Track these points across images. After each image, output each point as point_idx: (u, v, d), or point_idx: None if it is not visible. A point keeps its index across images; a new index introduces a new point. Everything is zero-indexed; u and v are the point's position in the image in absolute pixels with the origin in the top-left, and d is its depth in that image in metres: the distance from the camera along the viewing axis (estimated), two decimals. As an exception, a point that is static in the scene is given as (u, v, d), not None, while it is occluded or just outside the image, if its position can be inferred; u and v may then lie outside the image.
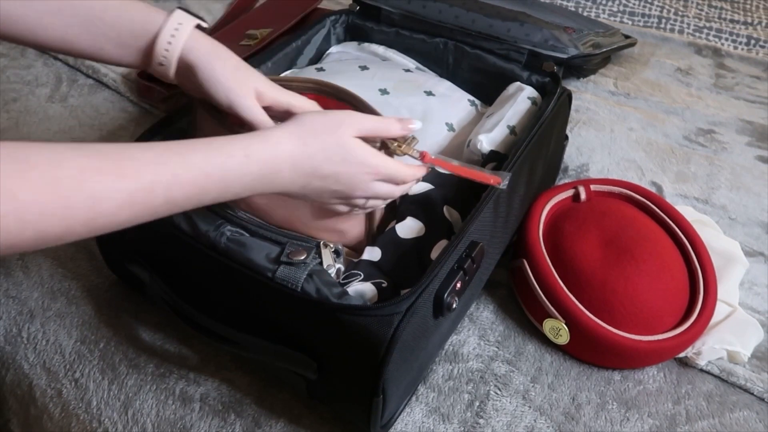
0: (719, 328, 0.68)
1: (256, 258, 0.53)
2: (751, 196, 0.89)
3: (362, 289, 0.57)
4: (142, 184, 0.41)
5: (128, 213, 0.41)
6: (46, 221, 0.37)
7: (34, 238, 0.37)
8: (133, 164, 0.41)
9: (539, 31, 0.88)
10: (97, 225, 0.40)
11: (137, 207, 0.41)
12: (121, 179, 0.40)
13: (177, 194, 0.43)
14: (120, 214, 0.40)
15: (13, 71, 1.06)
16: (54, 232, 0.38)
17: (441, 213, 0.64)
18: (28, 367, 0.66)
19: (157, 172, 0.42)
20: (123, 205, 0.40)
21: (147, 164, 0.42)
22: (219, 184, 0.45)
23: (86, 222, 0.39)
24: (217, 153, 0.45)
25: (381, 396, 0.52)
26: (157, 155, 0.42)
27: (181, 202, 0.44)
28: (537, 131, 0.69)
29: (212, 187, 0.45)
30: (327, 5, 1.17)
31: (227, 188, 0.46)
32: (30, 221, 0.36)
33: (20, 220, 0.36)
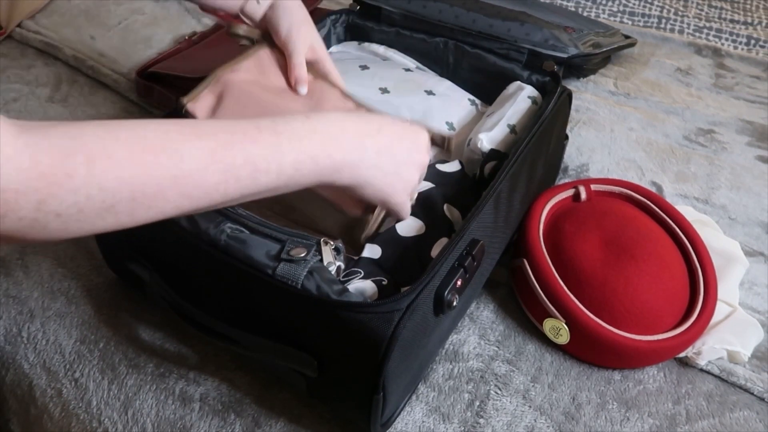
0: (719, 328, 0.68)
1: (257, 255, 0.53)
2: (751, 196, 0.89)
3: (362, 286, 0.57)
4: (220, 142, 0.42)
5: (213, 173, 0.41)
6: (139, 177, 0.38)
7: (130, 198, 0.38)
8: (208, 127, 0.42)
9: (539, 31, 0.89)
10: (186, 186, 0.40)
11: (220, 166, 0.41)
12: (200, 138, 0.41)
13: (255, 152, 0.43)
14: (205, 175, 0.41)
15: (13, 71, 1.06)
16: (147, 192, 0.38)
17: (441, 211, 0.64)
18: (28, 366, 0.66)
19: (234, 130, 0.43)
20: (206, 163, 0.41)
21: (222, 127, 0.43)
22: (295, 150, 0.45)
23: (175, 181, 0.39)
24: (290, 121, 0.46)
25: (381, 394, 0.52)
26: (237, 124, 0.44)
27: (261, 164, 0.43)
28: (537, 130, 0.69)
29: (289, 151, 0.45)
30: (327, 5, 1.17)
31: (301, 164, 0.46)
32: (125, 179, 0.37)
33: (117, 177, 0.37)
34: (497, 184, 0.61)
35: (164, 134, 0.40)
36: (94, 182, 0.36)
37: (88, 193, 0.36)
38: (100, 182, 0.36)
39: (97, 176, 0.36)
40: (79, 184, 0.36)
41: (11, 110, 0.98)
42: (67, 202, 0.36)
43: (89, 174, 0.36)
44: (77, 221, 0.37)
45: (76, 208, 0.36)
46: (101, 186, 0.36)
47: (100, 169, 0.36)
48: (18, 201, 0.34)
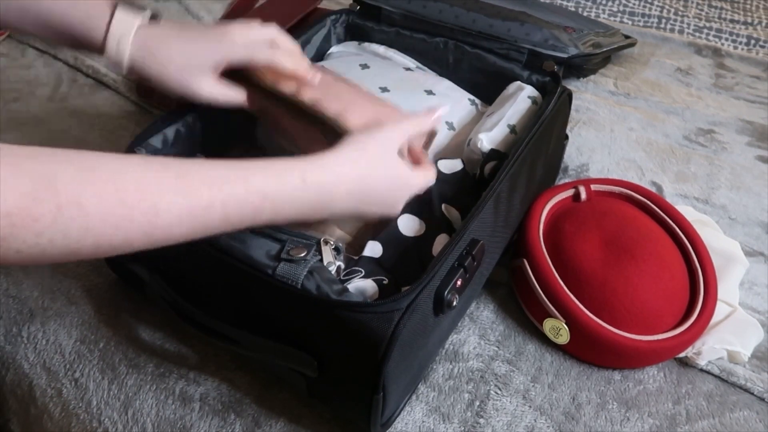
0: (719, 328, 0.68)
1: (256, 255, 0.53)
2: (751, 196, 0.89)
3: (363, 286, 0.57)
4: (200, 201, 0.41)
5: (186, 228, 0.41)
6: (107, 230, 0.37)
7: (93, 246, 0.38)
8: (193, 180, 0.41)
9: (539, 31, 0.89)
10: (155, 238, 0.40)
11: (195, 222, 0.41)
12: (182, 195, 0.40)
13: (233, 213, 0.43)
14: (177, 229, 0.41)
15: (13, 71, 1.06)
16: (113, 243, 0.38)
17: (440, 211, 0.64)
18: (28, 366, 0.66)
19: (219, 189, 0.42)
20: (182, 219, 0.40)
21: (207, 181, 0.42)
22: (274, 208, 0.46)
23: (144, 234, 0.39)
24: (275, 178, 0.45)
25: (381, 393, 0.52)
26: (218, 174, 0.43)
27: (236, 222, 0.44)
28: (537, 130, 0.69)
29: (267, 209, 0.45)
30: (327, 5, 1.17)
31: (280, 212, 0.46)
32: (92, 229, 0.37)
33: (83, 228, 0.36)
34: (497, 184, 0.61)
35: (142, 184, 0.39)
36: (59, 229, 0.36)
37: (52, 237, 0.36)
38: (66, 229, 0.36)
39: (64, 224, 0.36)
40: (42, 228, 0.35)
41: (11, 110, 0.98)
42: (29, 243, 0.35)
43: (55, 221, 0.35)
44: (36, 259, 0.37)
45: (37, 249, 0.36)
46: (65, 233, 0.36)
47: (68, 217, 0.36)
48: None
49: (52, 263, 0.39)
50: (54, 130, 0.94)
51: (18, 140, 0.92)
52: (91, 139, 0.93)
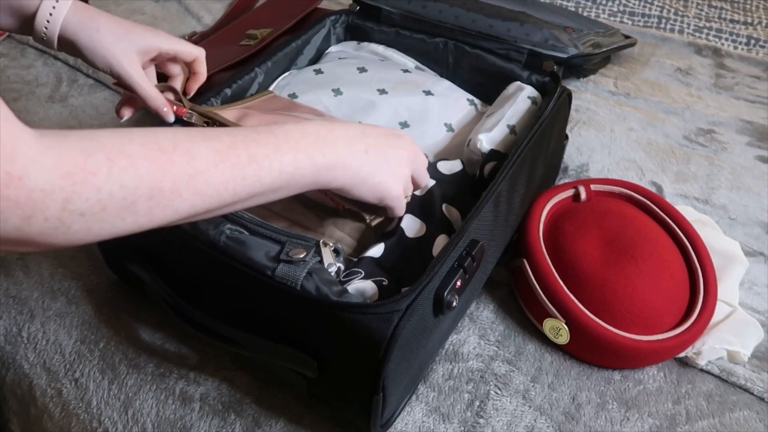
0: (719, 328, 0.68)
1: (256, 256, 0.53)
2: (751, 196, 0.89)
3: (363, 287, 0.57)
4: (224, 143, 0.44)
5: (222, 171, 0.43)
6: (156, 175, 0.39)
7: (148, 196, 0.39)
8: (211, 132, 0.44)
9: (539, 31, 0.89)
10: (198, 183, 0.42)
11: (228, 164, 0.43)
12: (207, 140, 0.43)
13: (256, 152, 0.45)
14: (215, 173, 0.43)
15: (13, 71, 1.06)
16: (163, 189, 0.40)
17: (440, 211, 0.64)
18: (28, 366, 0.66)
19: (234, 133, 0.45)
20: (215, 161, 0.43)
21: (223, 131, 0.45)
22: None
23: (189, 178, 0.41)
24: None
25: (381, 394, 0.52)
26: (228, 129, 0.46)
27: (263, 162, 0.46)
28: (537, 130, 0.69)
29: (290, 188, 0.48)
30: (327, 5, 1.17)
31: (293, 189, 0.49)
32: (144, 176, 0.39)
33: (136, 176, 0.38)
34: (497, 184, 0.61)
35: (173, 136, 0.42)
36: (115, 179, 0.37)
37: (111, 190, 0.37)
38: (122, 179, 0.38)
39: (118, 173, 0.38)
40: (102, 181, 0.37)
41: (11, 110, 0.97)
42: (92, 200, 0.37)
43: (110, 172, 0.37)
44: (99, 221, 0.38)
45: (99, 206, 0.37)
46: (122, 183, 0.38)
47: (120, 167, 0.38)
48: (45, 201, 0.35)
49: (112, 234, 0.40)
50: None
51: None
52: (91, 140, 0.93)
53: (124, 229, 0.40)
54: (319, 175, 0.49)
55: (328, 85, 0.80)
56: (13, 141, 0.34)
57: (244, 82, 0.78)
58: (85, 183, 0.36)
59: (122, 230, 0.40)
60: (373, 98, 0.78)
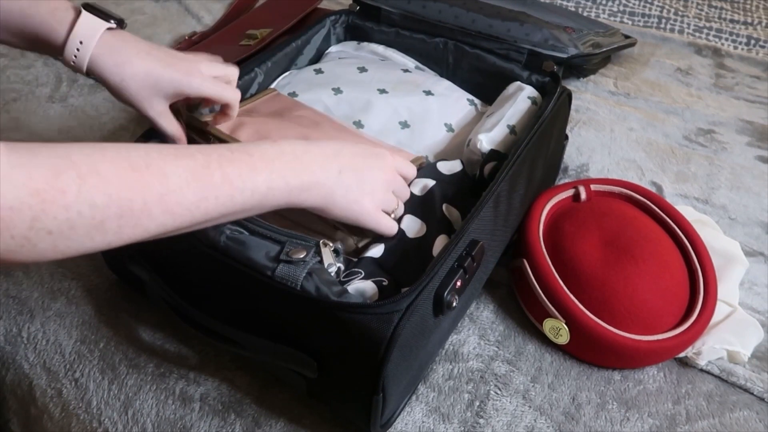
0: (719, 328, 0.68)
1: (256, 256, 0.53)
2: (751, 196, 0.89)
3: (363, 287, 0.57)
4: (198, 162, 0.44)
5: (194, 191, 0.43)
6: (126, 195, 0.39)
7: (117, 215, 0.39)
8: (185, 150, 0.44)
9: (539, 31, 0.89)
10: (170, 203, 0.42)
11: (200, 184, 0.43)
12: (180, 158, 0.43)
13: (230, 171, 0.45)
14: (187, 192, 0.43)
15: (13, 71, 1.06)
16: (133, 209, 0.40)
17: (440, 211, 0.64)
18: (28, 367, 0.66)
19: (209, 152, 0.45)
20: (188, 180, 0.43)
21: (198, 149, 0.45)
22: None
23: (160, 198, 0.41)
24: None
25: (381, 394, 0.52)
26: (203, 147, 0.46)
27: (236, 182, 0.46)
28: (537, 131, 0.69)
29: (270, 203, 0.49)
30: (327, 5, 1.17)
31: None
32: (113, 195, 0.39)
33: (106, 194, 0.38)
34: (497, 184, 0.61)
35: (146, 154, 0.42)
36: (85, 198, 0.37)
37: (80, 209, 0.37)
38: (91, 198, 0.37)
39: (88, 192, 0.37)
40: (71, 200, 0.37)
41: (11, 110, 0.98)
42: (60, 218, 0.36)
43: (80, 190, 0.37)
44: (67, 239, 0.37)
45: (67, 225, 0.37)
46: (92, 202, 0.37)
47: (91, 185, 0.37)
48: (12, 219, 0.34)
49: (80, 251, 0.39)
50: (54, 130, 0.94)
51: (18, 140, 0.91)
52: (90, 140, 0.93)
53: (92, 247, 0.39)
54: (292, 195, 0.50)
55: (329, 84, 0.80)
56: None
57: (244, 82, 0.78)
58: (54, 202, 0.36)
59: (90, 248, 0.39)
60: (373, 98, 0.78)
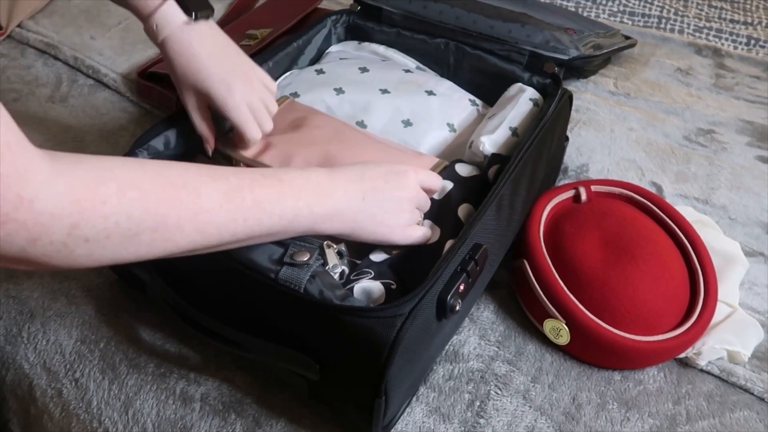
0: (719, 328, 0.68)
1: (259, 259, 0.53)
2: (751, 196, 0.89)
3: (370, 287, 0.57)
4: (232, 184, 0.45)
5: (225, 212, 0.45)
6: (161, 210, 0.41)
7: (152, 229, 0.40)
8: (221, 172, 0.46)
9: (540, 33, 0.89)
10: (202, 221, 0.43)
11: (232, 206, 0.45)
12: (215, 180, 0.45)
13: (261, 196, 0.47)
14: (219, 212, 0.44)
15: (13, 71, 1.06)
16: (169, 224, 0.41)
17: (455, 216, 0.64)
18: (28, 367, 0.66)
19: (243, 176, 0.47)
20: (221, 202, 0.44)
21: (232, 172, 0.47)
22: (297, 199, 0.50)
23: (193, 216, 0.42)
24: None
25: (383, 397, 0.52)
26: (237, 169, 0.48)
27: (266, 206, 0.47)
28: (539, 133, 0.69)
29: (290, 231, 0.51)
30: (327, 5, 1.17)
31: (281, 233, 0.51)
32: (150, 210, 0.40)
33: (143, 209, 0.40)
34: (499, 188, 0.61)
35: (184, 172, 0.43)
36: (123, 210, 0.39)
37: (117, 220, 0.38)
38: (129, 210, 0.39)
39: (127, 205, 0.39)
40: (110, 210, 0.38)
41: (11, 110, 0.97)
42: (98, 227, 0.38)
43: (120, 202, 0.38)
44: (102, 248, 0.39)
45: (104, 234, 0.38)
46: (129, 214, 0.39)
47: (129, 199, 0.39)
48: (52, 224, 0.36)
49: (113, 261, 0.41)
50: (54, 130, 0.94)
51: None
52: (90, 140, 0.93)
53: (125, 257, 0.40)
54: (316, 223, 0.51)
55: (330, 84, 0.80)
56: (26, 164, 0.35)
57: (244, 82, 0.78)
58: (94, 210, 0.37)
59: (123, 258, 0.40)
60: (375, 98, 0.78)
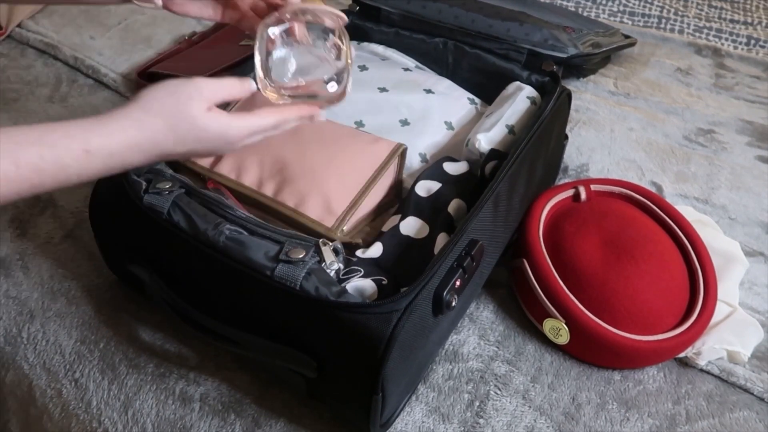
0: (719, 328, 0.68)
1: (255, 256, 0.53)
2: (751, 196, 0.89)
3: (362, 285, 0.57)
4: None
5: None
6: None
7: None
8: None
9: (539, 31, 0.89)
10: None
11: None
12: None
13: (7, 183, 0.44)
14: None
15: (13, 71, 1.06)
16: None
17: (445, 212, 0.64)
18: (28, 367, 0.66)
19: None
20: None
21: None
22: (56, 178, 0.46)
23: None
24: (52, 149, 0.45)
25: (380, 394, 0.52)
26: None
27: (22, 185, 0.45)
28: (536, 130, 0.69)
29: (48, 180, 0.46)
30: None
31: (67, 180, 0.47)
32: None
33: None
34: (496, 184, 0.61)
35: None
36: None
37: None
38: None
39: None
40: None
41: (11, 110, 0.98)
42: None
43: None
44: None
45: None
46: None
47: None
48: None
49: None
50: (54, 131, 0.94)
51: None
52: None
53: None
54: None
55: (329, 84, 0.80)
56: None
57: (243, 82, 0.78)
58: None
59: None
60: (373, 96, 0.78)
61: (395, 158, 0.67)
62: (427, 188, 0.66)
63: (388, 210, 0.69)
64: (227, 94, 0.53)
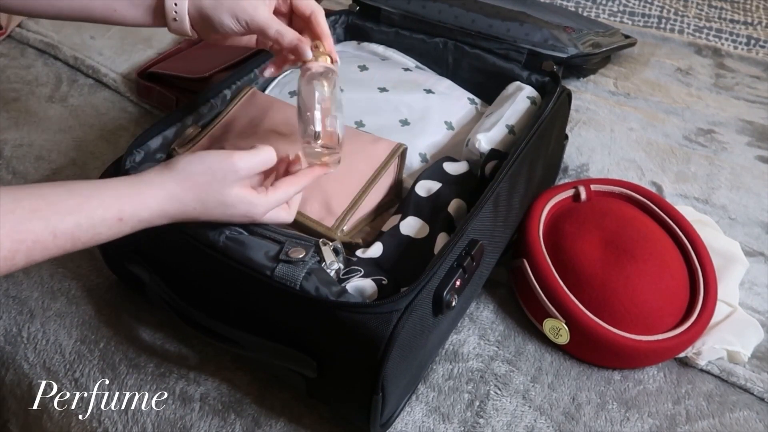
0: (719, 328, 0.68)
1: (255, 256, 0.53)
2: (751, 196, 0.89)
3: (362, 285, 0.57)
4: (18, 236, 0.45)
5: (23, 257, 0.46)
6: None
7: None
8: (7, 217, 0.45)
9: (539, 31, 0.89)
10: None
11: (20, 254, 0.46)
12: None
13: (42, 250, 0.47)
14: (16, 258, 0.46)
15: (13, 71, 1.06)
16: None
17: (445, 212, 0.64)
18: (28, 367, 0.66)
19: (30, 229, 0.46)
20: (13, 250, 0.46)
21: (21, 217, 0.45)
22: (87, 244, 0.48)
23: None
24: (88, 219, 0.47)
25: (380, 394, 0.52)
26: (31, 211, 0.45)
27: (56, 252, 0.47)
28: (536, 130, 0.69)
29: (79, 246, 0.48)
30: (327, 5, 1.17)
31: (96, 244, 0.49)
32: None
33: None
34: (496, 184, 0.61)
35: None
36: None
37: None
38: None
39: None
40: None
41: (11, 110, 0.98)
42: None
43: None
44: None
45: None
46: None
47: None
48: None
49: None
50: (54, 130, 0.94)
51: (18, 140, 0.92)
52: (90, 139, 0.93)
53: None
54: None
55: (329, 83, 0.80)
56: None
57: (243, 82, 0.78)
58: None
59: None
60: (374, 96, 0.78)
61: (395, 158, 0.67)
62: (427, 188, 0.66)
63: (388, 210, 0.69)
64: (263, 167, 0.55)
